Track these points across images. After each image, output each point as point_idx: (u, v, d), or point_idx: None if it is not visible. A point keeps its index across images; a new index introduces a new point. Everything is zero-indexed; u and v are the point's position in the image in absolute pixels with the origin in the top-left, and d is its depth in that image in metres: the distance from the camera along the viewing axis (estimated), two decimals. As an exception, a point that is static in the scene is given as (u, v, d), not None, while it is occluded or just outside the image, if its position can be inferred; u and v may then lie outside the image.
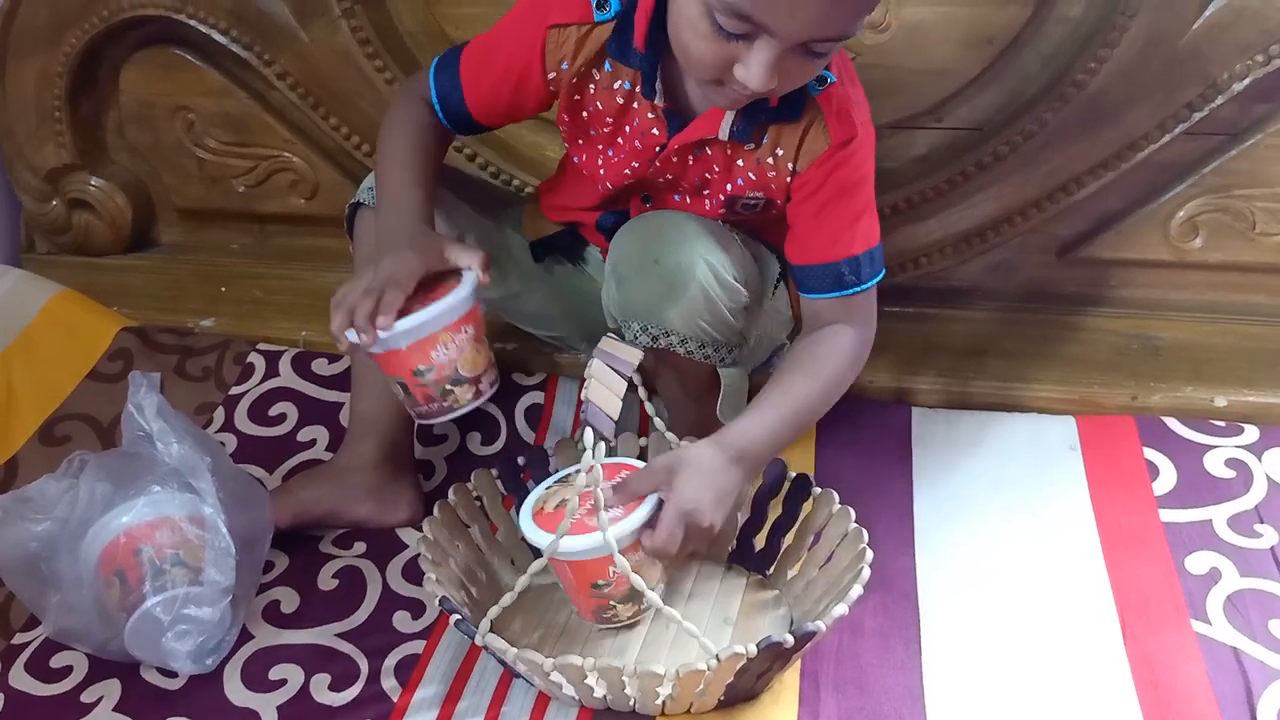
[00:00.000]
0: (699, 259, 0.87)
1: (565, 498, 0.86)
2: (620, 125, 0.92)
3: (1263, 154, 1.12)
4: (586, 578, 0.83)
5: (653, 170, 0.92)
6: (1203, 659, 0.85)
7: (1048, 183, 1.14)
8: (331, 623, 0.93)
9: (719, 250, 0.88)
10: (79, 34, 1.28)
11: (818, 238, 0.89)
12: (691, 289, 0.87)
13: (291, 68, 1.26)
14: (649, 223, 0.91)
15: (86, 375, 1.20)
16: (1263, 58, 1.07)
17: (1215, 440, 1.05)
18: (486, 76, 0.93)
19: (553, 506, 0.86)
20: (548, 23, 0.89)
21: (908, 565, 0.96)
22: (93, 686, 0.88)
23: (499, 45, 0.93)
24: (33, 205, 1.38)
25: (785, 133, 0.87)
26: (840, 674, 0.86)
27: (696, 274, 0.87)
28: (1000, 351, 1.17)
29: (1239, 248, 1.17)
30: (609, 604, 0.85)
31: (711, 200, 0.93)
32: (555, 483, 0.91)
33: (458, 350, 0.85)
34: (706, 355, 0.91)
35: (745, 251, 0.92)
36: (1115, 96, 1.10)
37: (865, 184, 0.89)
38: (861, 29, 0.78)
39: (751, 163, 0.89)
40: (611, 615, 0.87)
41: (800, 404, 0.87)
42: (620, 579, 0.81)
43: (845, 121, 0.86)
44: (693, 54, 0.78)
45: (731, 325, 0.90)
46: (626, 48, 0.87)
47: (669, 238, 0.88)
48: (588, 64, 0.90)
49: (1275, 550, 0.94)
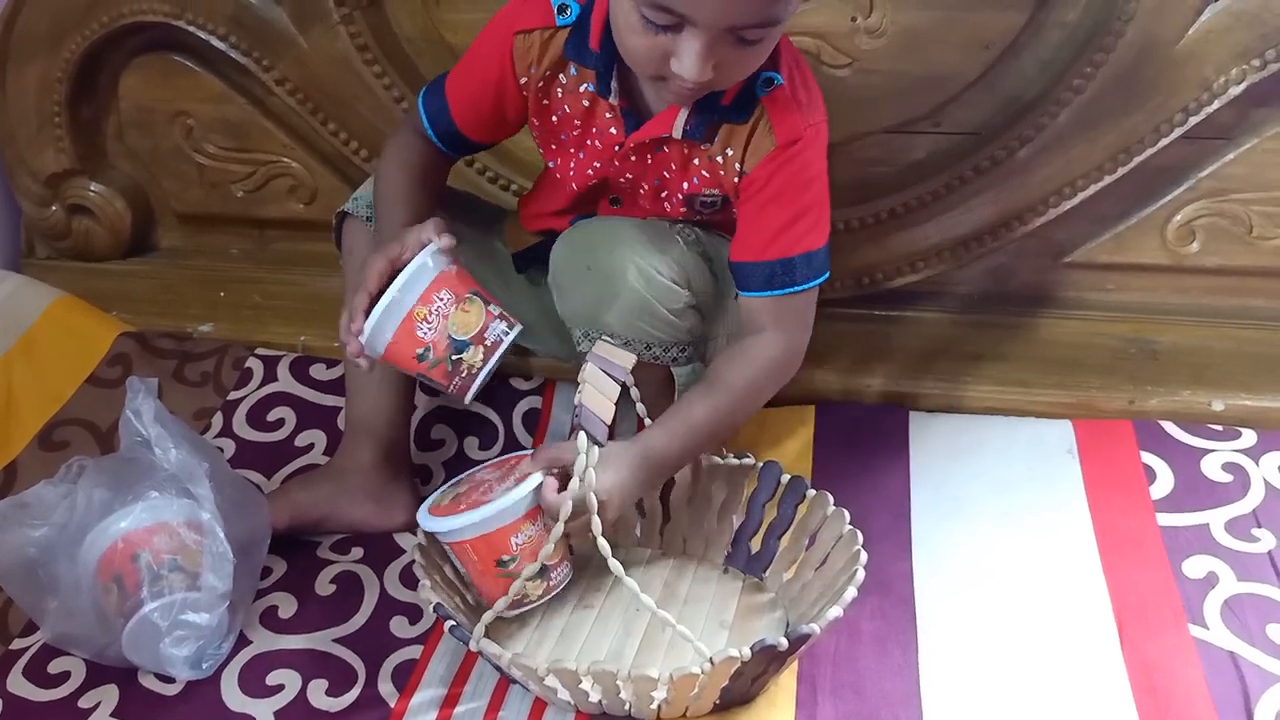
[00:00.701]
0: (629, 262, 0.88)
1: (458, 492, 0.88)
2: (587, 127, 0.93)
3: (1260, 158, 1.12)
4: (491, 554, 0.84)
5: (613, 170, 0.94)
6: (1200, 664, 0.85)
7: (1045, 187, 1.14)
8: (329, 628, 0.93)
9: (652, 253, 0.89)
10: (79, 40, 1.28)
11: (756, 236, 0.90)
12: (624, 292, 0.88)
13: (290, 74, 1.26)
14: (583, 230, 0.92)
15: (86, 380, 1.21)
16: (1259, 62, 1.07)
17: (1213, 444, 1.05)
18: (468, 91, 0.95)
19: (447, 501, 0.88)
20: (513, 29, 0.91)
21: (905, 569, 0.96)
22: (90, 692, 0.88)
23: (475, 59, 0.95)
24: (33, 210, 1.38)
25: (735, 133, 0.89)
26: (837, 677, 0.86)
27: (628, 277, 0.88)
28: (998, 355, 1.17)
29: (1236, 252, 1.17)
30: (519, 584, 0.85)
31: (671, 200, 0.95)
32: (450, 485, 0.92)
33: (441, 319, 0.85)
34: (655, 356, 0.92)
35: (690, 253, 0.93)
36: (1111, 101, 1.10)
37: (811, 185, 0.89)
38: (789, 14, 0.78)
39: (705, 161, 0.91)
40: (522, 596, 0.86)
41: (711, 416, 0.89)
42: (525, 550, 0.82)
43: (790, 122, 0.87)
44: (630, 50, 0.81)
45: (675, 325, 0.91)
46: (583, 49, 0.88)
47: (601, 243, 0.89)
48: (552, 68, 0.91)
49: (1273, 555, 0.94)
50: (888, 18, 1.11)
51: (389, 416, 1.02)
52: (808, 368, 1.13)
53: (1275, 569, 0.93)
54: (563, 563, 0.89)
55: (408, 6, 1.24)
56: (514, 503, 0.83)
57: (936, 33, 1.11)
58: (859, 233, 1.19)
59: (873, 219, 1.19)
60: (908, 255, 1.20)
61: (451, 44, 1.24)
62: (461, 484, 0.91)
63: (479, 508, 0.84)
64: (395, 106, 1.24)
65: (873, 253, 1.20)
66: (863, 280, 1.21)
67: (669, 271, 0.89)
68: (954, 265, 1.19)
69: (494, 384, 1.18)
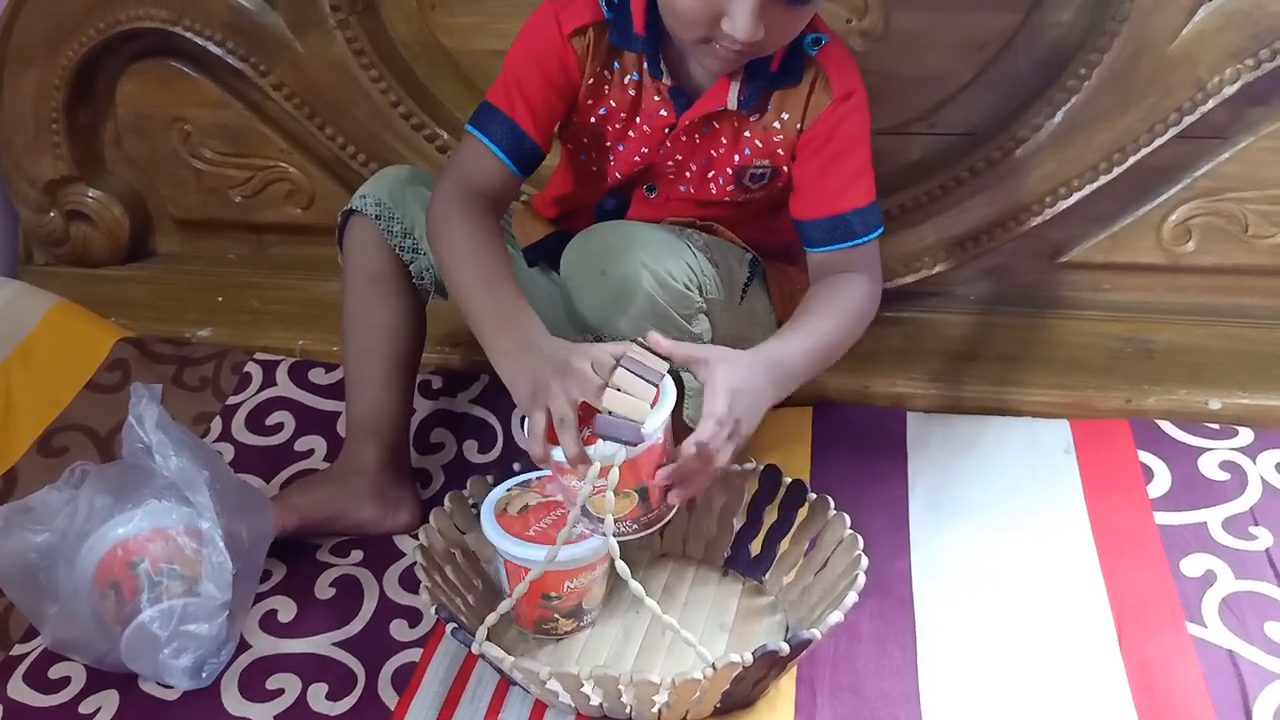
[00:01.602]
0: (643, 268, 0.88)
1: (527, 502, 0.88)
2: (632, 116, 0.94)
3: (1255, 157, 1.13)
4: (542, 587, 0.84)
5: (662, 153, 0.95)
6: (1198, 662, 0.85)
7: (1040, 187, 1.15)
8: (328, 631, 0.93)
9: (666, 258, 0.89)
10: (76, 46, 1.29)
11: (826, 190, 0.92)
12: (638, 297, 0.88)
13: (287, 79, 1.27)
14: (596, 235, 0.92)
15: (85, 386, 1.21)
16: (1253, 61, 1.07)
17: (1210, 443, 1.05)
18: (536, 101, 0.92)
19: (515, 510, 0.87)
20: (566, 33, 0.91)
21: (904, 569, 0.96)
22: (91, 697, 0.88)
23: (531, 68, 0.92)
24: (31, 217, 1.39)
25: (789, 97, 0.91)
26: (836, 680, 0.86)
27: (642, 282, 0.88)
28: (995, 355, 1.17)
29: (1232, 250, 1.17)
30: (553, 616, 0.86)
31: (719, 179, 0.95)
32: (517, 485, 0.91)
33: None
34: None
35: (701, 258, 0.93)
36: (1106, 101, 1.10)
37: (866, 138, 0.93)
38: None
39: (758, 131, 0.92)
40: (551, 628, 0.88)
41: (825, 335, 0.89)
42: (571, 594, 0.83)
43: (846, 75, 0.90)
44: (680, 10, 0.81)
45: (686, 330, 0.91)
46: (628, 34, 0.90)
47: (615, 248, 0.89)
48: (601, 63, 0.92)
49: (1270, 552, 0.94)
50: (883, 19, 1.12)
51: (391, 417, 1.03)
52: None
53: (1273, 567, 0.93)
54: (599, 607, 0.90)
55: (403, 11, 1.24)
56: (586, 553, 0.84)
57: (931, 34, 1.12)
58: (856, 234, 1.20)
59: (869, 220, 1.19)
60: (904, 256, 1.20)
61: (447, 47, 1.24)
62: (530, 490, 0.90)
63: (552, 546, 0.80)
64: (392, 111, 1.24)
65: (869, 254, 1.20)
66: (860, 281, 1.21)
67: (682, 276, 0.90)
68: (950, 266, 1.20)
69: (493, 387, 1.19)
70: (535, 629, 0.88)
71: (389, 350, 1.03)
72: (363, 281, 1.02)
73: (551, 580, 0.84)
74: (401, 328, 1.03)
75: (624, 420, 0.76)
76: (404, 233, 1.02)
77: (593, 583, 0.86)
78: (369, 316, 1.02)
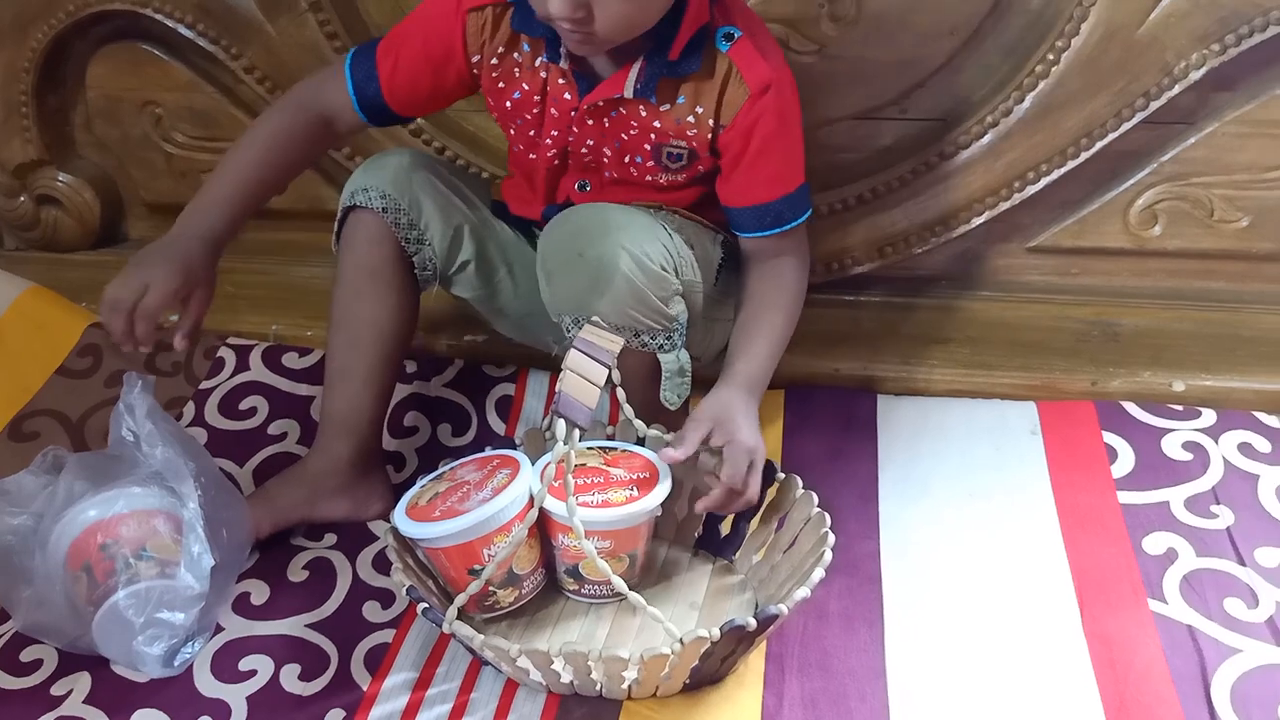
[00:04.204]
0: (621, 249, 0.88)
1: (437, 490, 0.89)
2: (545, 101, 0.95)
3: (1221, 142, 1.14)
4: (464, 562, 0.85)
5: (573, 138, 0.95)
6: (1159, 637, 0.87)
7: (1009, 172, 1.16)
8: (301, 614, 0.93)
9: (643, 240, 0.90)
10: (45, 29, 1.27)
11: (755, 181, 0.95)
12: (616, 279, 0.88)
13: (259, 62, 1.26)
14: (574, 217, 0.92)
15: (55, 371, 1.20)
16: (1218, 46, 1.08)
17: (1173, 424, 1.07)
18: (406, 66, 0.96)
19: (425, 500, 0.88)
20: (466, 6, 0.93)
21: (872, 549, 0.97)
22: (63, 679, 0.88)
23: (416, 33, 0.96)
24: (0, 202, 1.38)
25: (703, 90, 0.92)
26: (805, 656, 0.87)
27: (620, 264, 0.88)
28: (964, 339, 1.19)
29: (1198, 235, 1.19)
30: (489, 591, 0.87)
31: (638, 158, 0.96)
32: (431, 479, 0.92)
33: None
34: (644, 343, 0.92)
35: (676, 238, 0.94)
36: (1074, 86, 1.12)
37: (791, 124, 0.95)
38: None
39: (670, 123, 0.94)
40: (493, 603, 0.88)
41: (778, 333, 0.97)
42: (499, 565, 0.83)
43: (759, 70, 0.91)
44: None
45: (664, 312, 0.92)
46: (529, 19, 0.90)
47: (592, 230, 0.90)
48: (506, 45, 0.93)
49: (1230, 531, 0.96)
50: (854, 4, 1.12)
51: (369, 416, 1.02)
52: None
53: (1234, 545, 0.95)
54: (535, 570, 0.90)
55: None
56: (490, 516, 0.84)
57: (902, 19, 1.13)
58: (828, 218, 1.21)
59: (841, 205, 1.20)
60: (875, 240, 1.21)
61: (420, 31, 1.23)
62: (441, 480, 0.92)
63: (455, 517, 0.84)
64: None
65: (841, 238, 1.21)
66: (831, 265, 1.22)
67: (659, 258, 0.90)
68: (922, 250, 1.21)
69: (467, 372, 1.20)
70: (479, 609, 0.88)
71: (377, 348, 1.02)
72: (360, 275, 1.00)
73: (471, 551, 0.85)
74: (392, 325, 1.02)
75: (577, 403, 0.78)
76: (410, 224, 1.00)
77: (515, 546, 0.84)
78: (362, 311, 1.00)
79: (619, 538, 0.88)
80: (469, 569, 0.85)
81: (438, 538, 0.85)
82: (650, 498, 0.88)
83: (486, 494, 0.86)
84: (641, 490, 0.89)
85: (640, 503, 0.87)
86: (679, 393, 0.96)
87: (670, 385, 0.96)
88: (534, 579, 0.90)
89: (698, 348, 1.00)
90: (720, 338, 1.05)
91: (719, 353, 1.06)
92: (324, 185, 1.32)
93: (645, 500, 0.88)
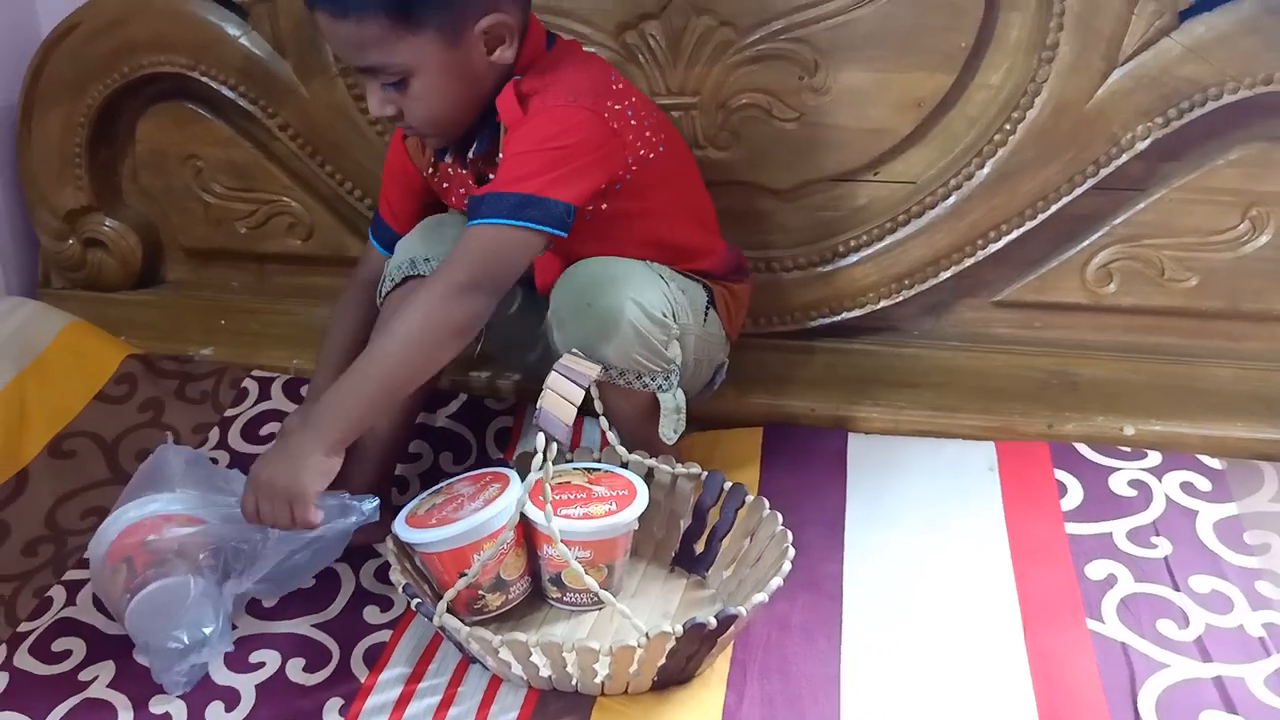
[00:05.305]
0: (628, 300, 0.98)
1: (435, 502, 0.98)
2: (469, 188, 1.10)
3: (1168, 207, 1.23)
4: (455, 566, 0.94)
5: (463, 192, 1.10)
6: (1094, 653, 0.94)
7: (972, 231, 1.26)
8: (307, 615, 1.02)
9: (646, 290, 0.99)
10: (101, 88, 1.41)
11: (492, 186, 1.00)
12: (623, 327, 0.98)
13: (293, 120, 1.38)
14: (581, 271, 1.01)
15: (94, 397, 1.31)
16: (1162, 120, 1.18)
17: (1120, 463, 1.15)
18: (395, 200, 1.15)
19: (423, 510, 0.98)
20: (399, 135, 1.12)
21: (836, 570, 1.05)
22: (90, 667, 0.97)
23: (388, 174, 1.17)
24: (51, 244, 1.50)
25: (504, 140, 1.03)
26: (766, 662, 0.95)
27: (626, 313, 0.97)
28: (931, 384, 1.27)
29: (1150, 293, 1.27)
30: (478, 594, 0.95)
31: None
32: (430, 493, 1.01)
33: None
34: (645, 384, 1.02)
35: (672, 286, 1.04)
36: (1030, 154, 1.22)
37: (540, 151, 0.97)
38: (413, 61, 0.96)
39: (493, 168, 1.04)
40: (481, 606, 0.97)
41: (376, 363, 0.96)
42: (486, 568, 0.92)
43: (508, 109, 1.00)
44: None
45: (664, 355, 1.01)
46: None
47: (600, 282, 0.99)
48: (433, 155, 1.10)
49: (1169, 560, 1.03)
50: (830, 77, 1.23)
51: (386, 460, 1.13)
52: (759, 394, 1.24)
53: (1170, 572, 1.02)
54: (522, 577, 0.99)
55: (400, 62, 1.36)
56: (480, 523, 0.94)
57: (874, 92, 1.23)
58: (807, 271, 1.31)
59: (818, 258, 1.30)
60: (850, 292, 1.31)
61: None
62: (439, 493, 1.01)
63: (448, 525, 0.94)
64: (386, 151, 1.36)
65: (819, 289, 1.31)
66: (810, 314, 1.32)
67: (660, 306, 1.00)
68: (893, 302, 1.30)
69: (470, 405, 1.29)
70: (469, 611, 0.96)
71: (413, 402, 1.11)
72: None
73: (463, 556, 0.94)
74: (429, 386, 1.08)
75: (555, 418, 0.88)
76: None
77: (503, 553, 0.93)
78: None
79: (598, 548, 0.96)
80: (460, 573, 0.93)
81: (432, 542, 0.94)
82: (627, 512, 0.97)
83: (479, 504, 0.95)
84: (620, 505, 0.97)
85: (618, 516, 0.96)
86: (675, 428, 1.05)
87: (668, 422, 1.05)
88: (520, 585, 0.98)
89: (688, 384, 1.09)
90: (704, 375, 1.15)
91: (701, 388, 1.15)
92: (347, 234, 1.43)
93: (623, 514, 0.96)
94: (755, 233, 1.30)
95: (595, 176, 0.99)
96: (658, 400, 1.04)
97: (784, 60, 1.23)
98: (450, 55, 0.97)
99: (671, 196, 1.10)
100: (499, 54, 0.99)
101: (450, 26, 0.96)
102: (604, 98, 1.01)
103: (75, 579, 1.06)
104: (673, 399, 1.04)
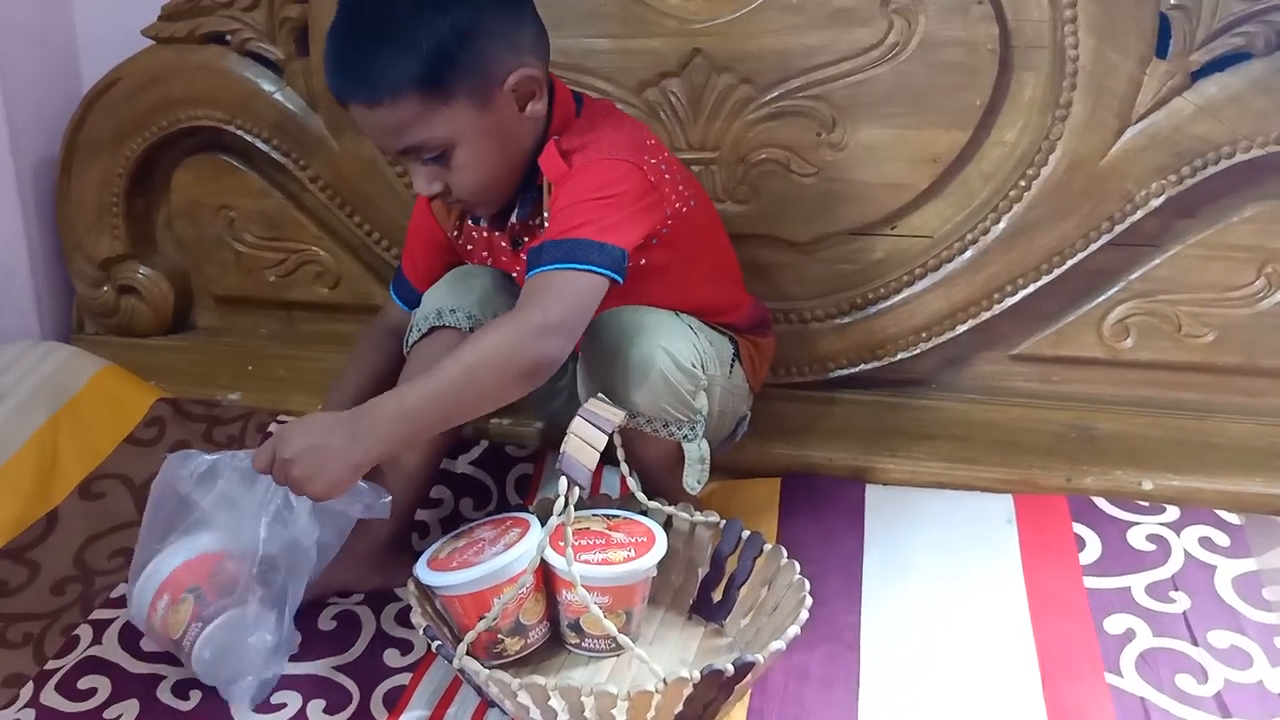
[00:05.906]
0: (659, 348, 1.00)
1: (456, 546, 1.00)
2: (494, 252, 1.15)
3: (1184, 263, 1.25)
4: (476, 610, 0.95)
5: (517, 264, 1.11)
6: (1113, 708, 0.94)
7: (988, 285, 1.27)
8: (329, 657, 1.03)
9: (676, 339, 1.01)
10: (139, 141, 1.45)
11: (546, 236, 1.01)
12: (653, 376, 1.00)
13: (323, 172, 1.42)
14: (614, 318, 1.03)
15: (125, 439, 1.33)
16: (1175, 177, 1.20)
17: (1139, 518, 1.15)
18: (419, 257, 1.19)
19: (445, 554, 0.99)
20: (428, 199, 1.13)
21: (854, 620, 1.05)
22: (114, 705, 0.98)
23: (414, 234, 1.20)
24: (86, 291, 1.54)
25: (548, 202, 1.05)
26: (784, 711, 0.95)
27: (656, 362, 0.99)
28: (950, 436, 1.28)
29: (1167, 348, 1.28)
30: (498, 638, 0.96)
31: None
32: (451, 537, 1.03)
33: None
34: (671, 433, 1.04)
35: (700, 337, 1.06)
36: (1045, 209, 1.24)
37: (590, 202, 0.98)
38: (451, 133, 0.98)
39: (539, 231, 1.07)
40: (500, 650, 0.97)
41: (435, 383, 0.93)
42: (506, 612, 0.93)
43: (553, 167, 1.02)
44: None
45: (691, 405, 1.03)
46: None
47: (632, 331, 1.01)
48: (459, 219, 1.13)
49: (1187, 615, 1.03)
50: (848, 133, 1.26)
51: (401, 494, 1.11)
52: (778, 443, 1.25)
53: (1189, 627, 1.02)
54: (541, 622, 1.00)
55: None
56: (500, 567, 0.95)
57: (891, 148, 1.26)
58: (825, 323, 1.33)
59: (836, 311, 1.32)
60: (869, 344, 1.32)
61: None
62: (460, 537, 1.03)
63: (469, 568, 0.96)
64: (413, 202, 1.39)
65: (837, 341, 1.33)
66: (829, 366, 1.34)
67: (690, 356, 1.02)
68: (911, 354, 1.32)
69: (491, 452, 1.31)
70: (488, 654, 0.97)
71: (437, 446, 1.11)
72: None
73: (483, 600, 0.95)
74: (455, 431, 1.10)
75: (578, 462, 0.89)
76: None
77: (523, 597, 0.95)
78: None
79: (616, 594, 0.97)
80: (480, 616, 0.94)
81: (453, 585, 0.95)
82: (646, 559, 0.98)
83: (499, 549, 0.97)
84: (639, 552, 0.98)
85: (637, 562, 0.97)
86: (699, 478, 1.07)
87: (692, 472, 1.06)
88: (539, 630, 0.99)
89: (710, 435, 1.10)
90: (727, 426, 1.16)
91: (723, 439, 1.17)
92: (373, 283, 1.46)
93: (641, 561, 0.97)
94: (774, 285, 1.32)
95: (643, 224, 1.01)
96: (680, 450, 1.06)
97: (802, 117, 1.26)
98: (486, 118, 0.99)
99: (701, 251, 1.13)
100: (531, 109, 1.02)
101: (481, 90, 0.98)
102: (642, 153, 1.04)
103: (102, 618, 1.08)
104: (697, 449, 1.06)
